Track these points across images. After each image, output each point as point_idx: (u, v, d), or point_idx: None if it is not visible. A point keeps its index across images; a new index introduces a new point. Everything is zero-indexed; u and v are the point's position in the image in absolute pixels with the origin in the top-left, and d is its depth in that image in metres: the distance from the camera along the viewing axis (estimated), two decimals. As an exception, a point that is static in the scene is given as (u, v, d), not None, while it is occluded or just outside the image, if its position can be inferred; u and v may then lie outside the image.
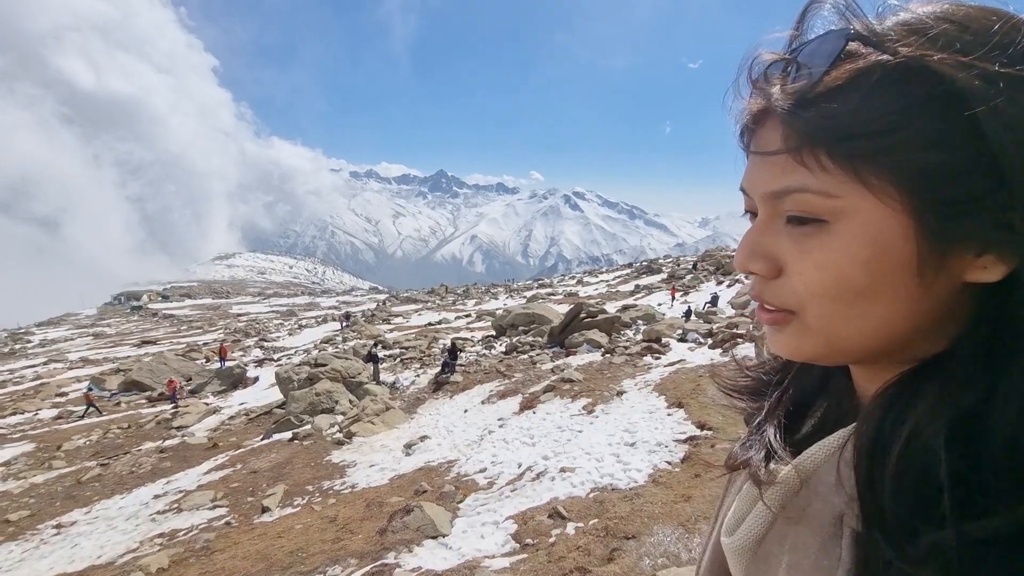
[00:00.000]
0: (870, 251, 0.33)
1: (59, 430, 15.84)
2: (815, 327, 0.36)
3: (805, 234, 0.35)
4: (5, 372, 30.76)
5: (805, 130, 0.33)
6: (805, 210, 0.34)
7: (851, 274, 0.33)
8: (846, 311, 0.35)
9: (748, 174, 0.39)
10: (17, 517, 8.51)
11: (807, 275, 0.35)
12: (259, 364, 22.12)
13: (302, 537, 5.70)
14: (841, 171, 0.32)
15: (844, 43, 0.33)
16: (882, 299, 0.34)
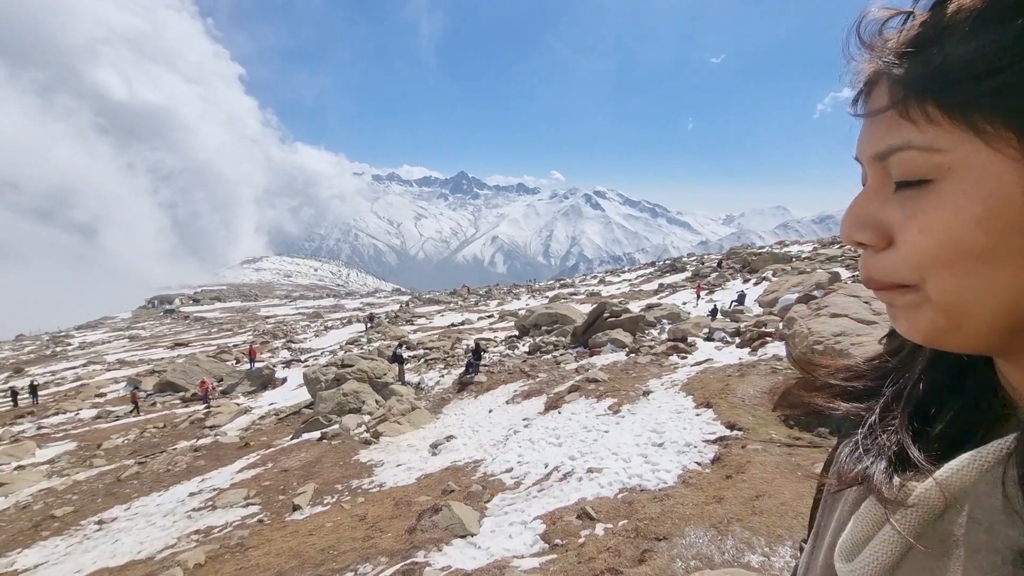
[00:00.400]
0: (985, 207, 0.29)
1: (99, 429, 16.43)
2: (941, 300, 0.32)
3: (910, 197, 0.32)
4: (47, 374, 32.07)
5: (908, 80, 0.31)
6: (910, 170, 0.32)
7: (964, 236, 0.30)
8: (966, 280, 0.31)
9: (858, 140, 0.36)
10: (62, 513, 8.87)
11: (913, 241, 0.32)
12: (287, 365, 22.55)
13: (333, 535, 5.78)
14: (950, 121, 0.29)
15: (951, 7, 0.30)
16: (1009, 263, 0.29)
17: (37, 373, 32.31)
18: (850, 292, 8.05)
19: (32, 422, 18.99)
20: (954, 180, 0.30)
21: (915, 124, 0.31)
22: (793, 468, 5.24)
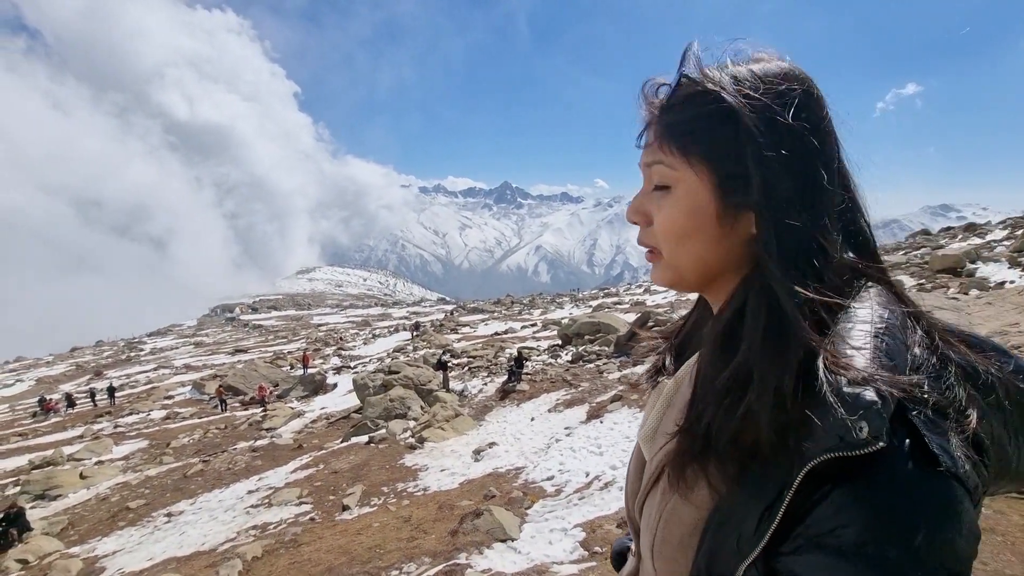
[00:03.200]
0: (691, 206, 0.52)
1: (168, 429, 17.61)
2: (667, 260, 0.56)
3: (660, 196, 0.55)
4: (123, 377, 34.58)
5: (662, 128, 0.54)
6: (661, 179, 0.54)
7: (680, 222, 0.53)
8: (680, 247, 0.54)
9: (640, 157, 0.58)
10: (136, 505, 9.59)
11: (660, 223, 0.55)
12: (337, 371, 23.40)
13: (379, 535, 6.00)
14: (679, 154, 0.52)
15: (679, 78, 0.54)
16: (698, 239, 0.53)
17: (114, 376, 34.94)
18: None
19: (110, 421, 20.57)
20: (679, 189, 0.53)
21: (664, 152, 0.53)
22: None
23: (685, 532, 0.51)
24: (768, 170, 0.48)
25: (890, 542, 0.37)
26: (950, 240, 25.40)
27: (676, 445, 0.52)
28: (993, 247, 18.31)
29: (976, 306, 7.13)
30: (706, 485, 0.49)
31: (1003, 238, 20.43)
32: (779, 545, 0.42)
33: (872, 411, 0.40)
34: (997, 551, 3.72)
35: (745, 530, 0.44)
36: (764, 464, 0.44)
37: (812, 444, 0.41)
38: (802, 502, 0.41)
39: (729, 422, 0.46)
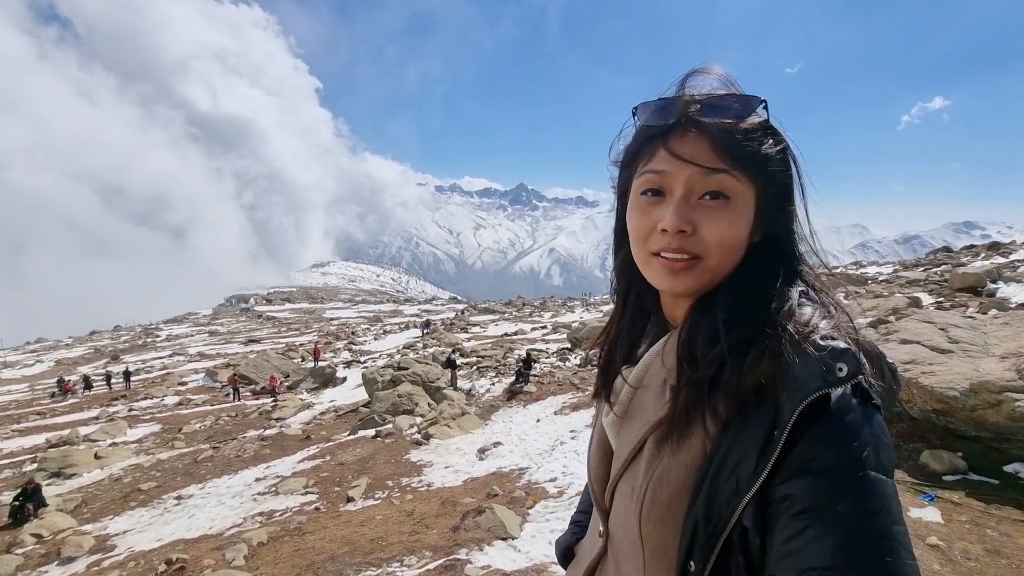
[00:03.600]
0: (747, 219, 0.61)
1: (180, 415, 17.94)
2: (712, 266, 0.61)
3: (716, 205, 0.60)
4: (139, 362, 35.25)
5: (731, 143, 0.59)
6: (723, 187, 0.59)
7: (741, 232, 0.61)
8: (730, 255, 0.61)
9: (672, 164, 0.61)
10: (147, 487, 9.81)
11: (721, 233, 0.60)
12: (347, 365, 23.62)
13: (382, 527, 6.09)
14: (746, 171, 0.60)
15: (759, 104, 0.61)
16: (741, 248, 0.62)
17: (130, 361, 35.64)
18: (924, 318, 7.55)
19: (125, 404, 21.00)
20: (739, 201, 0.60)
21: (732, 164, 0.59)
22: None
23: (675, 492, 0.59)
24: (790, 197, 0.64)
25: (855, 458, 0.50)
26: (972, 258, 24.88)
27: (675, 401, 0.61)
28: (1017, 267, 17.91)
29: (993, 326, 7.02)
30: (696, 437, 0.59)
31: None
32: (772, 479, 0.52)
33: (848, 355, 0.54)
34: (1001, 573, 3.69)
35: (743, 471, 0.53)
36: (754, 410, 0.55)
37: (799, 386, 0.52)
38: (789, 437, 0.52)
39: (733, 373, 0.56)
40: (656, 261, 0.63)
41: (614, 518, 0.69)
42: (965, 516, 4.53)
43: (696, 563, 0.56)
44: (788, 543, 0.50)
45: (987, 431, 5.47)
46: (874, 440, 0.51)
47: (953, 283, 16.74)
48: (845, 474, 0.49)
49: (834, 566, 0.46)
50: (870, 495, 0.49)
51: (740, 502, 0.53)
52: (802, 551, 0.48)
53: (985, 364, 5.87)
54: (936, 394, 5.73)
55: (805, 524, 0.49)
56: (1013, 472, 5.23)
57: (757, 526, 0.53)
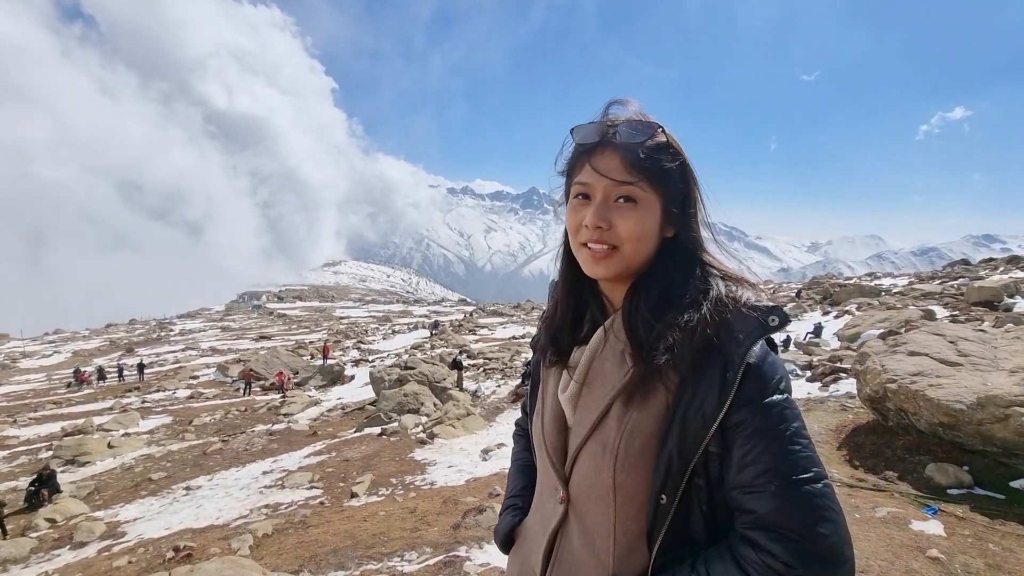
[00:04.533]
0: (651, 217, 0.76)
1: (191, 407, 18.21)
2: (626, 256, 0.76)
3: (627, 208, 0.75)
4: (153, 355, 35.79)
5: (636, 160, 0.74)
6: (632, 194, 0.75)
7: (645, 227, 0.75)
8: (639, 246, 0.76)
9: (593, 176, 0.76)
10: (157, 477, 9.99)
11: (629, 228, 0.74)
12: (356, 364, 23.80)
13: (384, 523, 6.17)
14: (649, 182, 0.75)
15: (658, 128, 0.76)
16: (650, 240, 0.77)
17: (144, 354, 36.17)
18: (934, 330, 7.48)
19: (138, 396, 21.36)
20: (644, 205, 0.75)
21: (637, 177, 0.74)
22: (851, 510, 4.99)
23: (646, 439, 0.73)
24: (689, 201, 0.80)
25: (779, 388, 0.70)
26: (991, 272, 24.48)
27: (639, 366, 0.75)
28: (1035, 282, 17.59)
29: (1004, 340, 6.94)
30: (660, 391, 0.73)
31: (1046, 273, 19.60)
32: (728, 411, 0.69)
33: (777, 310, 0.73)
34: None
35: (708, 407, 0.69)
36: (707, 361, 0.71)
37: (743, 337, 0.70)
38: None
39: (686, 334, 0.72)
40: (584, 251, 0.78)
41: (579, 480, 0.80)
42: (968, 530, 4.49)
43: (667, 495, 0.71)
44: (747, 456, 0.68)
45: (994, 445, 5.42)
46: (784, 373, 0.72)
47: (969, 297, 16.50)
48: (776, 400, 0.69)
49: (779, 464, 0.66)
50: (793, 412, 0.70)
51: (708, 431, 0.69)
52: (757, 460, 0.67)
53: (994, 378, 5.82)
54: (943, 407, 5.68)
55: (756, 440, 0.68)
56: (1019, 487, 5.17)
57: (719, 448, 0.70)
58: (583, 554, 0.79)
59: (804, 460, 0.66)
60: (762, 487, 0.66)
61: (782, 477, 0.65)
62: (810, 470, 0.66)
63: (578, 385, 0.82)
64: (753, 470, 0.67)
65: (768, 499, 0.65)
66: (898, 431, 6.38)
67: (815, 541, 0.63)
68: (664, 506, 0.71)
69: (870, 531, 4.46)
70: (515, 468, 1.11)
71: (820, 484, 0.65)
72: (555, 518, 0.83)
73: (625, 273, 0.79)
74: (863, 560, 4.00)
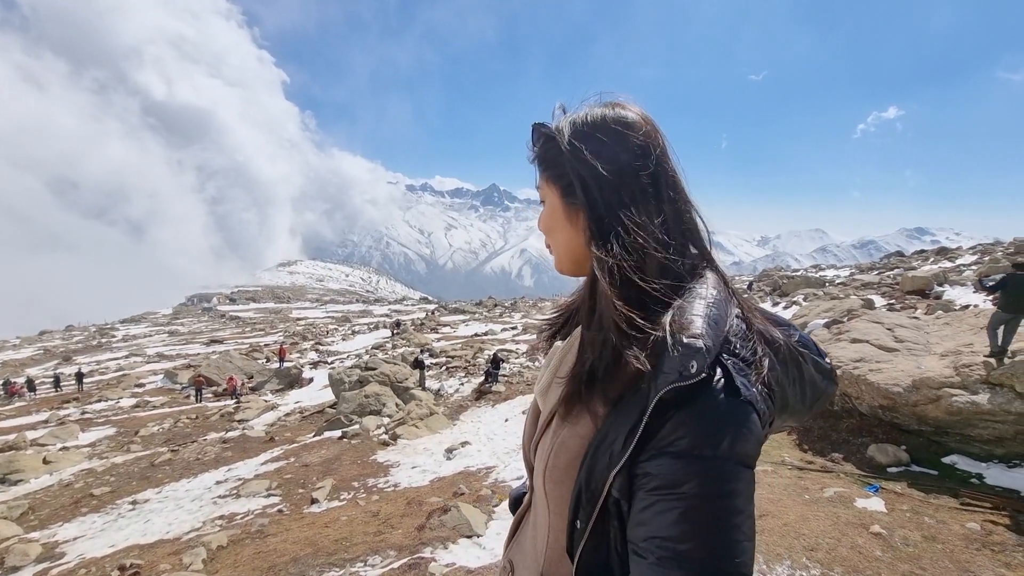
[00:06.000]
0: (552, 210, 0.74)
1: (137, 417, 17.26)
2: (555, 249, 0.76)
3: (544, 208, 0.76)
4: (93, 363, 33.72)
5: (537, 161, 0.76)
6: (542, 195, 0.76)
7: (547, 220, 0.75)
8: (552, 239, 0.76)
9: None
10: (100, 492, 9.41)
11: (543, 224, 0.76)
12: (314, 366, 23.18)
13: (347, 528, 6.02)
14: (544, 177, 0.75)
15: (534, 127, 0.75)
16: (560, 232, 0.74)
17: (83, 362, 34.05)
18: (873, 318, 7.93)
19: (77, 407, 20.06)
20: (548, 201, 0.75)
21: (541, 178, 0.75)
22: (801, 491, 5.24)
23: (571, 458, 0.68)
24: (583, 182, 0.69)
25: (707, 445, 0.56)
26: (923, 263, 26.18)
27: (567, 386, 0.70)
28: (962, 271, 18.95)
29: (935, 326, 7.43)
30: (588, 416, 0.67)
31: (972, 263, 21.17)
32: (638, 457, 0.59)
33: (700, 355, 0.58)
34: (936, 558, 3.92)
35: (616, 447, 0.61)
36: (630, 396, 0.62)
37: (662, 379, 0.58)
38: (654, 423, 0.58)
39: (606, 365, 0.66)
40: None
41: (535, 474, 0.78)
42: (906, 505, 4.79)
43: (581, 522, 0.65)
44: (640, 514, 0.58)
45: (928, 425, 5.80)
46: (732, 431, 0.56)
47: (904, 286, 17.60)
48: (695, 458, 0.55)
49: (670, 536, 0.54)
50: (716, 479, 0.55)
51: (610, 474, 0.61)
52: (650, 522, 0.56)
53: (927, 362, 6.22)
54: (882, 390, 6.04)
55: (655, 499, 0.56)
56: (950, 463, 5.56)
57: (624, 496, 0.60)
58: (529, 546, 0.80)
59: (719, 541, 0.54)
60: (644, 551, 0.57)
61: (668, 550, 0.54)
62: (725, 556, 0.54)
63: (547, 380, 0.80)
64: (643, 531, 0.57)
65: (645, 569, 0.56)
66: (843, 415, 6.73)
67: None
68: (579, 531, 0.65)
69: (819, 511, 4.69)
70: None
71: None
72: (526, 500, 0.86)
73: (566, 270, 0.77)
74: (813, 538, 4.20)
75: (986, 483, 5.14)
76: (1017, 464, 5.33)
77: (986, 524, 4.31)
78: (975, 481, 5.20)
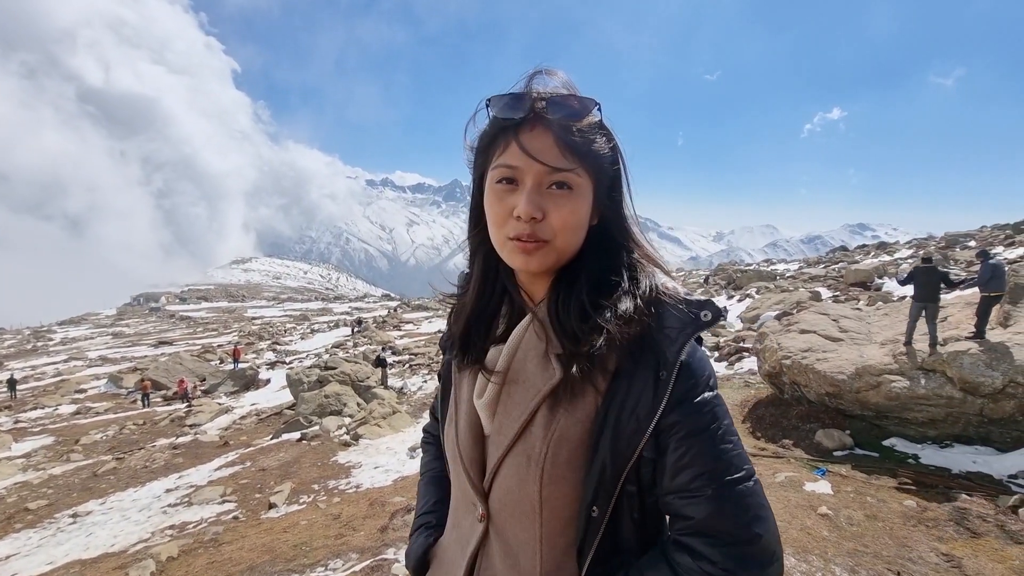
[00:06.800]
0: (586, 204, 0.68)
1: (77, 424, 16.28)
2: (558, 247, 0.67)
3: (561, 195, 0.66)
4: (28, 368, 31.58)
5: (570, 143, 0.66)
6: (567, 182, 0.66)
7: (581, 215, 0.68)
8: (575, 236, 0.68)
9: (522, 159, 0.66)
10: (36, 506, 8.82)
11: (564, 218, 0.66)
12: (271, 366, 22.48)
13: (306, 532, 5.87)
14: (584, 165, 0.67)
15: (595, 106, 0.68)
16: (583, 230, 0.70)
17: (16, 367, 31.80)
18: (820, 310, 8.33)
19: (9, 416, 18.72)
20: (580, 191, 0.67)
21: (573, 161, 0.66)
22: (755, 477, 5.46)
23: (574, 447, 0.68)
24: (618, 186, 0.74)
25: (708, 383, 0.67)
26: (864, 256, 27.71)
27: (564, 372, 0.68)
28: (899, 264, 20.17)
29: (876, 316, 7.86)
30: (590, 395, 0.67)
31: (908, 256, 22.59)
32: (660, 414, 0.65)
33: (709, 304, 0.68)
34: (877, 535, 4.15)
35: (641, 409, 0.65)
36: (639, 359, 0.66)
37: (677, 333, 0.66)
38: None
39: (619, 328, 0.66)
40: (511, 243, 0.68)
41: (500, 494, 0.72)
42: (851, 487, 5.06)
43: (599, 506, 0.66)
44: (681, 459, 0.64)
45: (870, 410, 6.14)
46: (712, 370, 0.69)
47: (847, 279, 18.57)
48: (707, 399, 0.66)
49: (714, 466, 0.63)
50: (720, 407, 0.67)
51: (643, 435, 0.65)
52: (692, 463, 0.63)
53: (868, 351, 6.57)
54: (828, 378, 6.34)
55: (692, 442, 0.64)
56: (890, 445, 5.91)
57: (653, 453, 0.66)
58: (507, 575, 0.72)
59: (736, 459, 0.64)
60: (698, 491, 0.63)
61: (717, 480, 0.62)
62: (742, 468, 0.63)
63: (496, 388, 0.74)
64: (688, 474, 0.63)
65: (704, 503, 0.62)
66: (792, 402, 7.04)
67: (751, 543, 0.61)
68: (596, 518, 0.66)
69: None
70: (425, 481, 1.00)
71: (751, 482, 0.63)
72: (474, 537, 0.76)
73: (556, 265, 0.71)
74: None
75: (921, 463, 5.49)
76: (948, 444, 5.71)
77: (921, 502, 4.60)
78: (911, 461, 5.55)
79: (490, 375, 0.75)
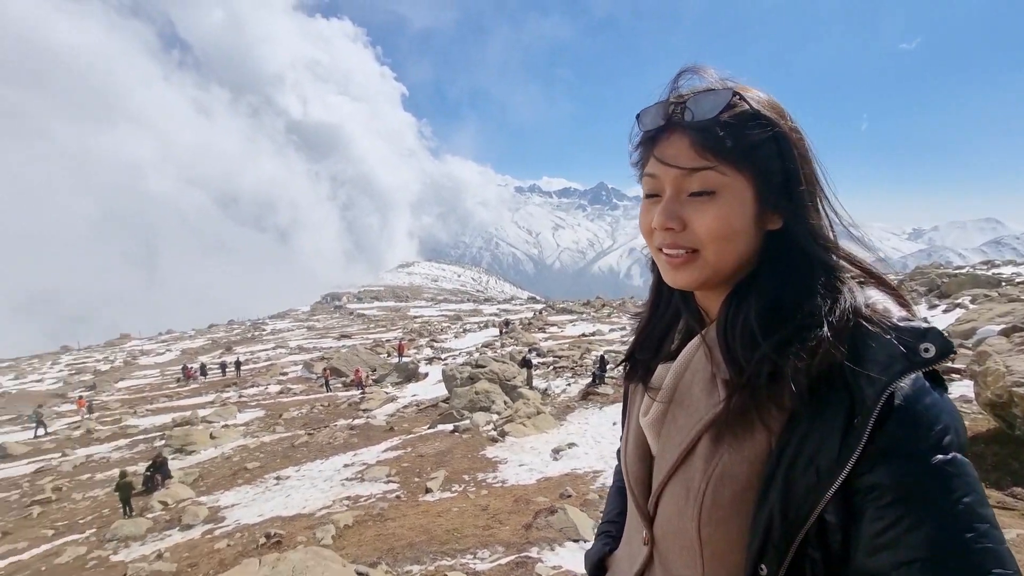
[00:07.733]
0: (740, 209, 0.59)
1: (281, 402, 19.58)
2: (711, 260, 0.60)
3: (703, 201, 0.59)
4: (248, 353, 38.88)
5: (712, 139, 0.58)
6: (707, 184, 0.58)
7: (731, 222, 0.58)
8: (728, 246, 0.60)
9: (658, 167, 0.62)
10: (252, 466, 10.81)
11: (708, 225, 0.58)
12: (429, 362, 24.53)
13: (457, 519, 6.25)
14: (731, 164, 0.58)
15: (733, 96, 0.59)
16: (742, 237, 0.60)
17: (241, 352, 39.42)
18: (1075, 325, 6.46)
19: (236, 391, 23.31)
20: (727, 193, 0.58)
21: (715, 160, 0.58)
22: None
23: (738, 489, 0.57)
24: (796, 181, 0.60)
25: (942, 440, 0.49)
26: None
27: (727, 403, 0.59)
28: None
29: None
30: (760, 433, 0.57)
31: None
32: (854, 468, 0.50)
33: (933, 334, 0.52)
34: None
35: (823, 460, 0.52)
36: (827, 397, 0.53)
37: (880, 369, 0.51)
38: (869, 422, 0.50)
39: (800, 359, 0.54)
40: (661, 256, 0.64)
41: (662, 523, 0.66)
42: None
43: (769, 565, 0.54)
44: (881, 536, 0.49)
45: None
46: (953, 422, 0.50)
47: None
48: (933, 459, 0.48)
49: (933, 556, 0.46)
50: (959, 478, 0.48)
51: (823, 494, 0.51)
52: (897, 543, 0.48)
53: None
54: (1089, 414, 4.88)
55: (898, 514, 0.48)
56: None
57: (840, 519, 0.51)
58: None
59: (978, 553, 0.45)
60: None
61: (938, 573, 0.46)
62: (988, 570, 0.45)
63: (661, 408, 0.68)
64: (890, 556, 0.48)
65: None
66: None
67: None
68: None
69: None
70: (614, 489, 1.00)
71: None
72: (640, 559, 0.72)
73: (714, 280, 0.62)
74: None
75: None
76: None
77: None
78: None
79: (655, 394, 0.70)
